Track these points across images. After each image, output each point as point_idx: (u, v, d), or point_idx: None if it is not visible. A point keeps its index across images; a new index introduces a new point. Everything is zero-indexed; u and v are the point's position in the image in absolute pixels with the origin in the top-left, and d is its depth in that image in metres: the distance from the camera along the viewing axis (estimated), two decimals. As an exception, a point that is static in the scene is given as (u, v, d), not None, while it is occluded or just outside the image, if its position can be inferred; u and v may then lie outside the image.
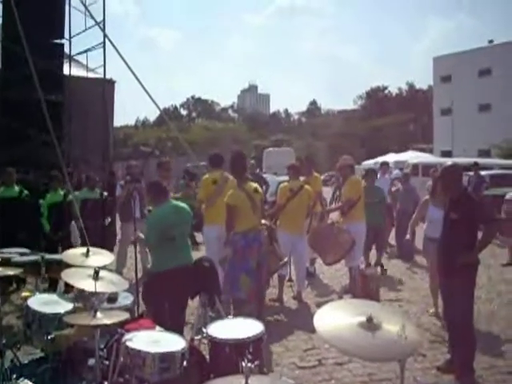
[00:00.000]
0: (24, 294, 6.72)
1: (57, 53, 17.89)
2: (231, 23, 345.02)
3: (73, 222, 9.63)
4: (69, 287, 6.50)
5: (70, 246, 8.31)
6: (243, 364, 2.49)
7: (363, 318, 3.09)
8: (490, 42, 61.23)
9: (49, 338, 5.14)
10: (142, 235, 6.49)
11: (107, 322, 3.99)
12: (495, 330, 7.02)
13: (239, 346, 3.87)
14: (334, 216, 9.68)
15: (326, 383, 5.56)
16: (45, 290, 6.70)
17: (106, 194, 10.75)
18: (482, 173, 17.25)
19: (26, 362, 5.38)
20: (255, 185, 7.24)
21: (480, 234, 5.52)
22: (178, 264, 5.83)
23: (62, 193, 9.64)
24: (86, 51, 19.51)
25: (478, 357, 5.67)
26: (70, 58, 18.89)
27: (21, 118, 15.15)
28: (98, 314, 4.04)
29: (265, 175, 17.73)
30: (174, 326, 5.18)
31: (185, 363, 3.77)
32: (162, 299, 5.82)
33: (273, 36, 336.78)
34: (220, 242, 7.53)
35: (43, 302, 5.49)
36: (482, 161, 21.08)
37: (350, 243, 8.44)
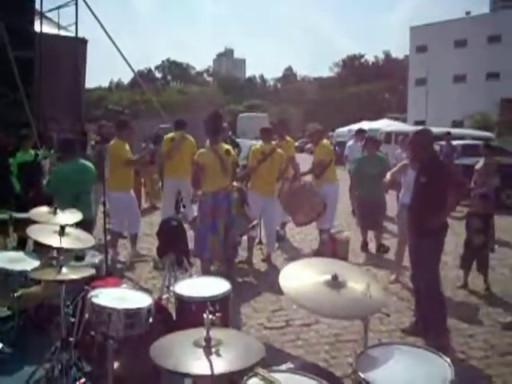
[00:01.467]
0: (-9, 252, 6.65)
1: (27, 9, 17.45)
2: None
3: None
4: (37, 246, 6.45)
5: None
6: (204, 316, 2.50)
7: (328, 276, 3.10)
8: (467, 13, 61.33)
9: (15, 295, 5.11)
10: None
11: (73, 277, 3.95)
12: (460, 295, 7.17)
13: (205, 304, 3.86)
14: (307, 178, 9.66)
15: (292, 344, 5.62)
16: (13, 249, 6.64)
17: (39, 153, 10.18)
18: (454, 143, 17.39)
19: (-9, 319, 5.34)
20: (227, 146, 7.22)
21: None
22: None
23: (32, 152, 9.46)
24: (57, 8, 19.06)
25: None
26: (42, 15, 18.43)
27: (-11, 75, 14.82)
28: (64, 270, 4.00)
29: (238, 140, 17.64)
30: None
31: (150, 320, 3.75)
32: None
33: (249, 1, 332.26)
34: (174, 193, 9.41)
35: (10, 260, 5.45)
36: (454, 131, 21.22)
37: (321, 206, 8.46)
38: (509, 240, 10.28)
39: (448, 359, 2.88)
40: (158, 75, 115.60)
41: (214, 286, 4.21)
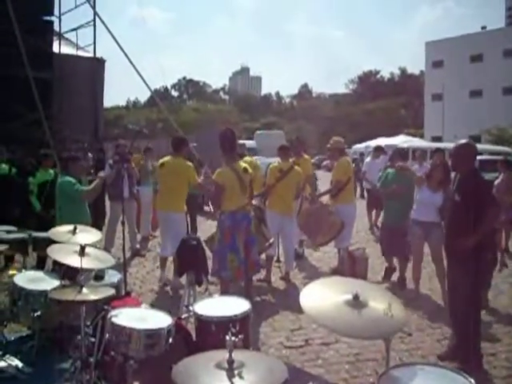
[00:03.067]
0: (11, 271, 6.68)
1: (46, 30, 17.74)
2: (224, 4, 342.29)
3: None
4: (57, 266, 6.49)
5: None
6: (227, 338, 2.48)
7: (349, 296, 3.08)
8: (483, 28, 61.20)
9: (35, 315, 5.13)
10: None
11: (93, 297, 3.98)
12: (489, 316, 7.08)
13: (225, 324, 3.85)
14: (325, 198, 9.63)
15: (312, 363, 5.57)
16: (32, 268, 6.68)
17: (14, 170, 9.93)
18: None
19: (12, 338, 5.37)
20: (245, 164, 7.21)
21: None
22: None
23: (52, 171, 9.54)
24: (76, 29, 19.33)
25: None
26: (60, 36, 18.71)
27: (9, 95, 15.04)
28: (84, 290, 4.02)
29: (255, 157, 17.68)
30: None
31: (170, 340, 3.75)
32: None
33: (265, 18, 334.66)
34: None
35: (30, 279, 5.48)
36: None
37: (339, 226, 8.44)
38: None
39: (472, 379, 2.83)
40: (175, 93, 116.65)
41: (233, 306, 4.18)
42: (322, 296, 3.17)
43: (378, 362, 5.37)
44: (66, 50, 19.07)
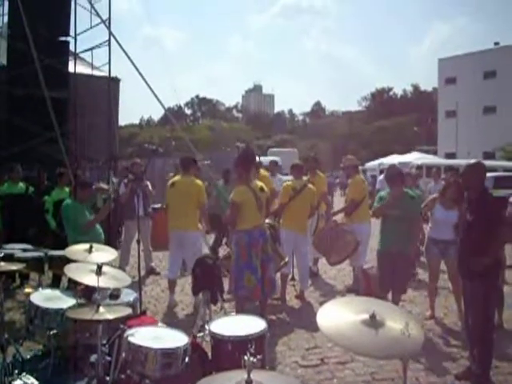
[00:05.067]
0: (27, 290, 6.73)
1: (62, 50, 17.96)
2: (236, 23, 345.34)
3: None
4: (72, 284, 6.52)
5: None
6: (245, 358, 2.48)
7: (366, 316, 3.07)
8: (496, 44, 61.06)
9: (51, 333, 5.15)
10: None
11: (109, 317, 3.99)
12: (500, 332, 6.99)
13: (241, 343, 3.85)
14: (339, 217, 9.62)
15: (328, 382, 5.54)
16: (48, 286, 6.71)
17: (31, 189, 10.03)
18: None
19: (28, 357, 5.37)
20: (261, 183, 7.23)
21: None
22: None
23: (67, 190, 9.61)
24: (91, 49, 19.51)
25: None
26: (76, 56, 18.92)
27: (26, 114, 15.21)
28: (101, 309, 4.04)
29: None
30: None
31: (187, 360, 3.76)
32: None
33: (278, 36, 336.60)
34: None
35: (46, 298, 5.49)
36: (486, 163, 20.98)
37: (354, 244, 8.43)
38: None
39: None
40: (188, 111, 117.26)
41: (249, 325, 4.17)
42: (338, 315, 3.17)
43: (394, 381, 5.33)
44: (82, 69, 19.28)
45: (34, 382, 4.93)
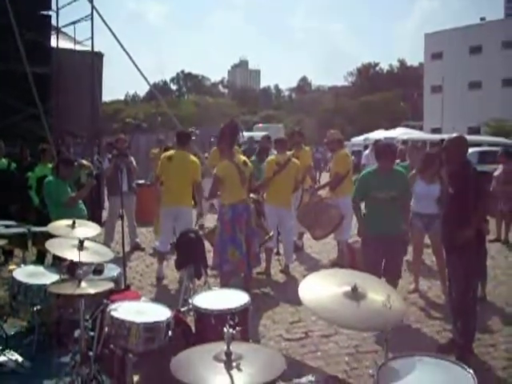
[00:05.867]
0: (11, 266, 6.70)
1: (44, 24, 17.64)
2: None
3: None
4: (56, 260, 6.49)
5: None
6: (225, 330, 2.48)
7: (348, 288, 3.08)
8: (482, 19, 60.98)
9: (35, 309, 5.15)
10: None
11: (91, 291, 3.97)
12: (482, 304, 7.07)
13: (224, 317, 3.85)
14: (324, 191, 9.62)
15: (312, 355, 5.58)
16: (32, 263, 6.68)
17: (13, 165, 9.83)
18: (471, 150, 17.25)
19: (11, 333, 5.38)
20: (244, 157, 7.21)
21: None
22: None
23: (50, 166, 9.52)
24: (73, 23, 19.18)
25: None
26: (58, 30, 18.60)
27: (7, 90, 14.97)
28: (83, 284, 4.02)
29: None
30: None
31: (170, 333, 3.75)
32: None
33: (264, 11, 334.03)
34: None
35: (29, 274, 5.49)
36: (471, 138, 21.06)
37: (338, 218, 8.44)
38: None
39: (471, 370, 2.83)
40: (173, 87, 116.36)
41: (233, 299, 4.18)
42: (320, 288, 3.17)
43: (378, 353, 5.37)
44: (64, 44, 18.92)
45: (18, 357, 4.95)
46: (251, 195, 7.50)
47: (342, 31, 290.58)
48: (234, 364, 2.44)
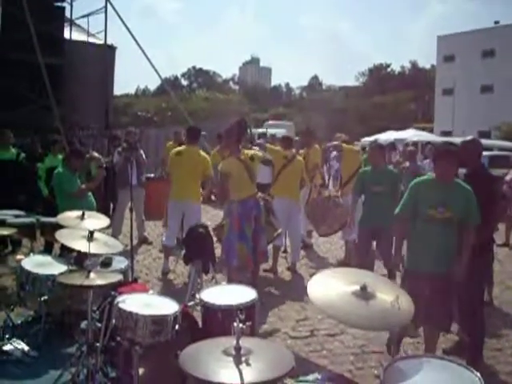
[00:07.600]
0: (19, 256, 6.73)
1: (57, 16, 17.72)
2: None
3: None
4: (64, 251, 6.51)
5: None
6: (235, 324, 2.48)
7: (357, 287, 3.07)
8: (496, 22, 60.59)
9: (42, 299, 5.16)
10: None
11: (99, 282, 3.99)
12: (485, 310, 7.03)
13: (231, 312, 3.85)
14: (334, 189, 9.64)
15: (317, 354, 5.57)
16: (40, 253, 6.70)
17: (23, 155, 9.81)
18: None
19: (18, 322, 5.40)
20: (252, 152, 7.12)
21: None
22: None
23: (60, 157, 9.54)
24: (87, 15, 19.28)
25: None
26: (71, 22, 18.69)
27: (20, 80, 15.05)
28: (91, 275, 4.03)
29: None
30: None
31: (177, 327, 3.76)
32: None
33: (276, 9, 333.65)
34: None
35: (37, 264, 5.50)
36: (481, 141, 20.97)
37: (345, 217, 8.41)
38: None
39: (478, 373, 2.82)
40: (184, 83, 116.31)
41: (240, 294, 4.19)
42: (329, 286, 3.17)
43: (384, 353, 5.36)
44: (77, 36, 19.02)
45: (25, 347, 4.97)
46: (259, 194, 7.45)
47: (353, 31, 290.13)
48: (243, 359, 2.44)
